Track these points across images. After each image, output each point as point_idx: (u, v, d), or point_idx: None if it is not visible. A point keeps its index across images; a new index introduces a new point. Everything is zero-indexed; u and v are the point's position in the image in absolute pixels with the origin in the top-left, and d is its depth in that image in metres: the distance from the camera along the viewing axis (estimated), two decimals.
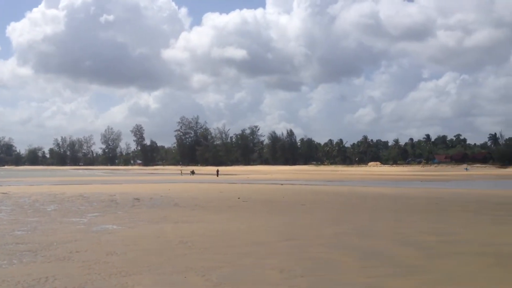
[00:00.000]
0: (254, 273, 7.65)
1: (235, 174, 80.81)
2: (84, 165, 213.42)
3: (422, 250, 9.50)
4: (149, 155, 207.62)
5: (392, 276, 7.39)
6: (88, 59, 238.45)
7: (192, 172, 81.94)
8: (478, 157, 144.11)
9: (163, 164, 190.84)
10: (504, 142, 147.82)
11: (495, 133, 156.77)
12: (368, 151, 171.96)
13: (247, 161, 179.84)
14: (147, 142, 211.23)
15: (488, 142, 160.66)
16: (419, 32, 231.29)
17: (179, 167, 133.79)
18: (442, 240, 10.68)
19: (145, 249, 9.68)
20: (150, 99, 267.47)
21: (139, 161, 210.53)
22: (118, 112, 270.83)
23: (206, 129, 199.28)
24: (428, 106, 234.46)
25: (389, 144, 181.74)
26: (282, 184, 40.86)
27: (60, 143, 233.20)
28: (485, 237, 11.05)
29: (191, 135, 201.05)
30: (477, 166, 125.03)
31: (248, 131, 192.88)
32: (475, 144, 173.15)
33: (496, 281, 7.02)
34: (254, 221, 14.47)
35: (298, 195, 26.72)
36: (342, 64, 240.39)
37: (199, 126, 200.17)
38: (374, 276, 7.42)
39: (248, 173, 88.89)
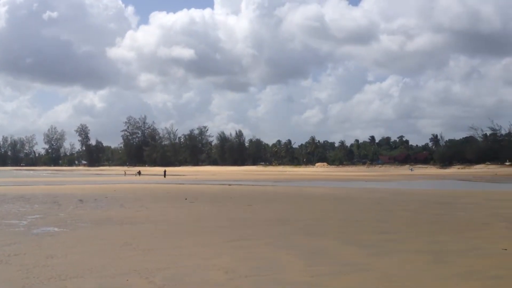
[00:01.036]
0: (199, 274, 7.60)
1: (183, 175, 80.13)
2: (26, 165, 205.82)
3: (364, 248, 9.71)
4: (95, 155, 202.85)
5: (336, 274, 7.51)
6: (30, 57, 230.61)
7: (138, 173, 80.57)
8: (420, 158, 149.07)
9: (109, 165, 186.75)
10: (444, 143, 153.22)
11: (436, 135, 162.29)
12: (316, 152, 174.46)
13: (196, 162, 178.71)
14: (93, 142, 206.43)
15: (430, 144, 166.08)
16: (363, 36, 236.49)
17: (125, 168, 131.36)
18: (384, 238, 10.95)
19: (87, 252, 9.44)
20: (95, 98, 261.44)
21: (84, 162, 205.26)
22: (62, 111, 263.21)
23: (154, 129, 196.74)
24: (372, 108, 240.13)
25: (336, 145, 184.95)
26: (230, 185, 40.85)
27: (1, 142, 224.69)
28: (425, 236, 11.41)
29: (138, 135, 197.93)
30: (419, 167, 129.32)
31: (196, 132, 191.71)
32: (417, 145, 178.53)
33: (435, 278, 7.25)
34: (201, 222, 14.39)
35: (246, 195, 26.77)
36: (289, 65, 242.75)
37: (146, 126, 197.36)
38: (318, 274, 7.52)
39: (196, 174, 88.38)
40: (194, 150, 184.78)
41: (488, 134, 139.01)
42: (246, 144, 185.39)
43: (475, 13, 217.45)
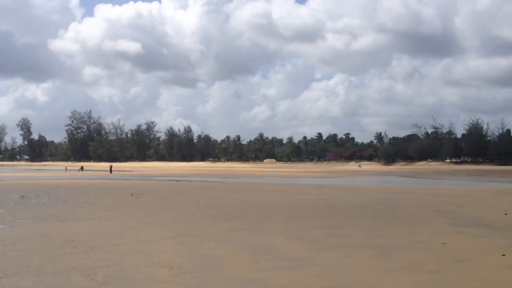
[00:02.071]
0: (143, 271, 7.47)
1: (130, 171, 78.83)
2: None
3: (310, 243, 9.82)
4: (37, 150, 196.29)
5: (281, 269, 7.55)
6: None
7: (81, 168, 78.42)
8: (365, 155, 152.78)
9: (52, 160, 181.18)
10: (388, 141, 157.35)
11: (380, 132, 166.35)
12: (264, 148, 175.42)
13: (143, 157, 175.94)
14: (35, 136, 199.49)
15: (374, 141, 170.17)
16: (310, 34, 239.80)
17: (69, 163, 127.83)
18: (329, 233, 11.12)
19: (27, 249, 9.11)
20: (38, 91, 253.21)
21: (26, 157, 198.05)
22: (2, 104, 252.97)
23: (100, 124, 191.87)
24: (319, 106, 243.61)
25: (284, 141, 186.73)
26: (178, 181, 40.50)
27: None
28: (368, 231, 11.66)
29: (84, 130, 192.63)
30: (364, 163, 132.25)
31: (144, 127, 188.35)
32: (362, 142, 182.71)
33: (377, 272, 7.40)
34: (146, 218, 14.16)
35: (193, 191, 26.59)
36: (237, 62, 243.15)
37: (92, 121, 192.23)
38: (264, 270, 7.54)
39: (143, 170, 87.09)
40: (141, 145, 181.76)
41: (429, 132, 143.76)
42: (195, 140, 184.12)
43: (417, 14, 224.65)
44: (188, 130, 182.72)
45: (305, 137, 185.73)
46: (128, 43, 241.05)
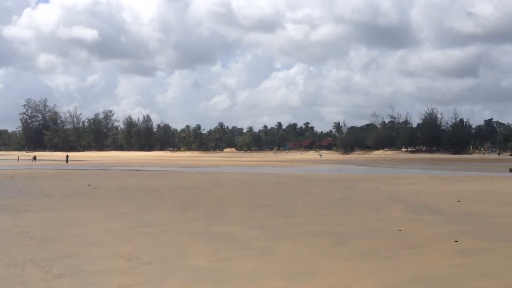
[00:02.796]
0: (100, 262, 7.35)
1: (87, 160, 77.32)
2: None
3: (269, 232, 9.89)
4: None
5: (241, 258, 7.58)
6: None
7: (34, 158, 76.25)
8: (324, 144, 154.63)
9: (6, 150, 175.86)
10: (346, 130, 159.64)
11: (339, 122, 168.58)
12: (224, 138, 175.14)
13: (101, 147, 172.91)
14: None
15: (333, 130, 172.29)
16: (269, 24, 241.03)
17: (23, 153, 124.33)
18: (288, 222, 11.23)
19: None
20: None
21: None
22: None
23: (56, 113, 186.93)
24: (279, 95, 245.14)
25: (244, 131, 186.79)
26: (137, 170, 40.02)
27: None
28: (327, 219, 11.83)
29: (39, 119, 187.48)
30: (324, 152, 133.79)
31: (101, 116, 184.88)
32: (322, 131, 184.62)
33: (335, 259, 7.52)
34: (104, 208, 13.95)
35: (152, 181, 26.35)
36: (197, 51, 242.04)
37: (47, 109, 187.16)
38: (224, 259, 7.55)
39: (101, 159, 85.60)
40: (99, 134, 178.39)
41: (386, 122, 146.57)
42: (154, 129, 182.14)
43: (374, 6, 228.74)
44: (147, 119, 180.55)
45: (265, 127, 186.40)
46: (84, 30, 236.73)
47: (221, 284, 6.23)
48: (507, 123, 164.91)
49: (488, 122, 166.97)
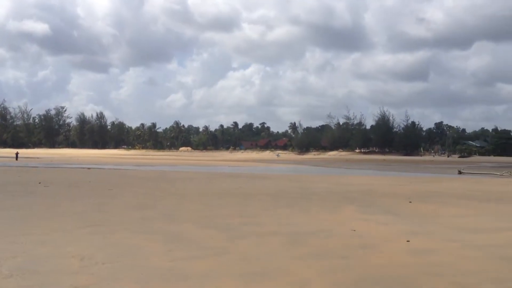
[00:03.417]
0: (52, 262, 7.15)
1: (38, 158, 75.16)
2: None
3: (224, 232, 9.86)
4: None
5: (196, 258, 7.52)
6: None
7: None
8: (280, 144, 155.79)
9: None
10: (302, 130, 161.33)
11: (295, 122, 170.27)
12: (180, 136, 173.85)
13: (52, 144, 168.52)
14: None
15: (289, 131, 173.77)
16: (225, 23, 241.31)
17: None
18: (243, 222, 11.23)
19: None
20: None
21: None
22: None
23: (5, 108, 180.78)
24: (236, 95, 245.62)
25: (200, 129, 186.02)
26: (89, 168, 39.21)
27: None
28: (282, 218, 11.90)
29: None
30: (280, 152, 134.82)
31: (53, 112, 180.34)
32: (278, 132, 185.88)
33: (289, 258, 7.57)
34: (56, 207, 13.60)
35: (106, 179, 25.86)
36: (152, 48, 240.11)
37: None
38: (178, 259, 7.48)
39: (52, 156, 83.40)
40: (50, 131, 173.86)
41: (341, 123, 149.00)
42: (108, 127, 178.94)
43: (329, 8, 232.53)
44: (101, 117, 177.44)
45: (221, 126, 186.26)
46: (35, 24, 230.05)
47: (175, 284, 6.17)
48: (456, 126, 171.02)
49: (438, 125, 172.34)
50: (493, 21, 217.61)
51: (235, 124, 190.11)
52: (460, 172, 43.50)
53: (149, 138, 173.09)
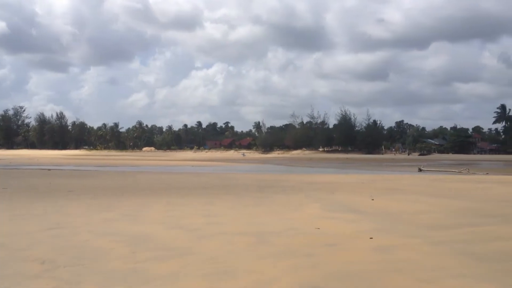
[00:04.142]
0: (11, 266, 6.95)
1: None
2: None
3: (189, 232, 9.79)
4: None
5: (160, 259, 7.44)
6: None
7: None
8: (244, 144, 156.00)
9: None
10: (266, 130, 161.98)
11: (259, 122, 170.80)
12: (143, 136, 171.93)
13: (10, 145, 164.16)
14: None
15: (253, 130, 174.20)
16: (187, 22, 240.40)
17: None
18: (209, 221, 11.17)
19: None
20: None
21: None
22: None
23: None
24: (199, 94, 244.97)
25: (164, 129, 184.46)
26: (49, 169, 38.33)
27: None
28: (247, 218, 11.89)
29: None
30: (244, 152, 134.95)
31: (11, 112, 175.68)
32: (242, 131, 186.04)
33: (255, 258, 7.57)
34: (14, 209, 13.22)
35: (66, 181, 25.33)
36: (113, 47, 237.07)
37: None
38: (142, 260, 7.38)
39: (11, 158, 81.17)
40: (8, 132, 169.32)
41: (305, 122, 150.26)
42: (69, 127, 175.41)
43: (290, 9, 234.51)
44: (61, 117, 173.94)
45: (185, 125, 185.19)
46: None
47: (138, 287, 6.09)
48: (416, 124, 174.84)
49: (399, 123, 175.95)
50: (449, 22, 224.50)
51: (199, 123, 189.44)
52: (420, 170, 44.45)
53: (111, 138, 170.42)
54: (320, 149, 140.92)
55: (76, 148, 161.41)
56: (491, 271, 6.70)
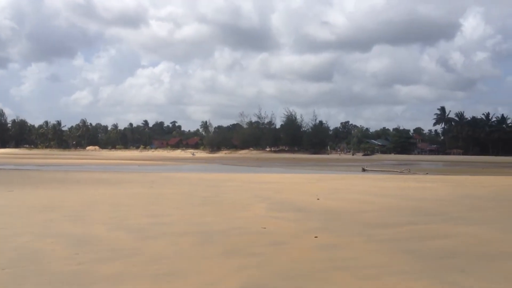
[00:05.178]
0: None
1: None
2: None
3: (134, 233, 9.65)
4: None
5: (104, 261, 7.30)
6: None
7: None
8: (192, 143, 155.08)
9: None
10: (213, 129, 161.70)
11: (206, 121, 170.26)
12: (87, 135, 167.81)
13: None
14: None
15: (200, 129, 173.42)
16: (132, 19, 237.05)
17: None
18: (153, 222, 11.04)
19: None
20: None
21: None
22: None
23: None
24: (145, 93, 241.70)
25: (109, 128, 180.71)
26: None
27: None
28: (193, 218, 11.83)
29: None
30: (191, 151, 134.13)
31: None
32: (189, 130, 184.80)
33: (201, 258, 7.55)
34: None
35: (5, 180, 24.41)
36: (55, 43, 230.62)
37: None
38: (85, 262, 7.22)
39: None
40: None
41: (253, 122, 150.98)
42: (8, 125, 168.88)
43: (236, 8, 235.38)
44: (0, 114, 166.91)
45: (131, 124, 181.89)
46: None
47: None
48: (360, 125, 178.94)
49: (344, 124, 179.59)
50: (390, 26, 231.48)
51: (146, 122, 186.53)
52: (364, 170, 45.55)
53: (53, 137, 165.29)
54: (267, 149, 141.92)
55: (16, 146, 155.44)
56: (429, 268, 6.96)
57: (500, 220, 11.80)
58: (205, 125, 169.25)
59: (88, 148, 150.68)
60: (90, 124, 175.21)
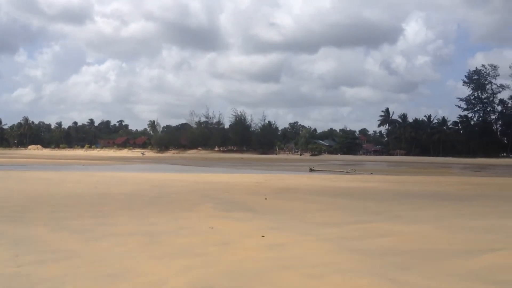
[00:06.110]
0: None
1: None
2: None
3: (77, 234, 9.38)
4: None
5: (45, 263, 7.06)
6: None
7: None
8: (139, 142, 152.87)
9: None
10: (161, 129, 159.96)
11: (154, 120, 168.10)
12: (29, 134, 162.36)
13: None
14: None
15: (148, 129, 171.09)
16: (76, 15, 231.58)
17: None
18: (97, 222, 10.79)
19: None
20: None
21: None
22: None
23: None
24: (90, 91, 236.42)
25: (52, 126, 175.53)
26: None
27: None
28: (139, 218, 11.64)
29: None
30: (138, 151, 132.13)
31: None
32: (137, 130, 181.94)
33: (148, 259, 7.42)
34: None
35: None
36: None
37: None
38: (26, 264, 6.96)
39: None
40: None
41: (201, 121, 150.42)
42: None
43: (183, 7, 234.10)
44: None
45: (75, 123, 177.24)
46: None
47: None
48: (308, 126, 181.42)
49: (293, 124, 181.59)
50: (337, 29, 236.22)
51: (91, 121, 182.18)
52: (311, 170, 46.16)
53: None
54: (216, 149, 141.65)
55: None
56: (372, 266, 7.10)
57: (443, 219, 12.21)
58: (152, 125, 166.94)
59: (30, 147, 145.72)
60: (33, 122, 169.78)
